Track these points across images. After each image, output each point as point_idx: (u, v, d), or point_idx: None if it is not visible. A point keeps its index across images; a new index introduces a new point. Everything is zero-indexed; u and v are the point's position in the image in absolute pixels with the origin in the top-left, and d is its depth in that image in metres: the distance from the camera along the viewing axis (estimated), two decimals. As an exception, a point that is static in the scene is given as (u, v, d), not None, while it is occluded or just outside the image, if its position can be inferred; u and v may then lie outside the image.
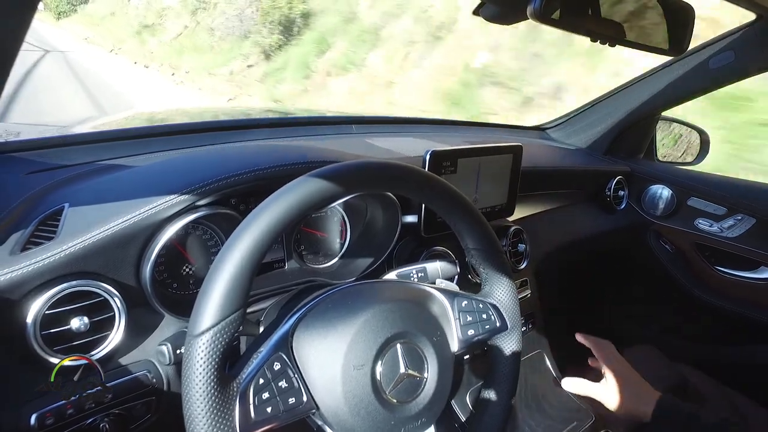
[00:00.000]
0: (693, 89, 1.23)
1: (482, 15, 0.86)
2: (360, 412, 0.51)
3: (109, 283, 0.60)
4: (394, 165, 0.57)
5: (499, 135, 1.59)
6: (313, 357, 0.51)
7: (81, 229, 0.58)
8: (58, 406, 0.56)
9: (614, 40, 0.78)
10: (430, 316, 0.60)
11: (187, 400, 0.44)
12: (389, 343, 0.53)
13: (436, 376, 0.56)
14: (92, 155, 0.82)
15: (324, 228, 0.86)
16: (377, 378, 0.52)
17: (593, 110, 1.48)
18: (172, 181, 0.65)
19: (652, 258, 1.41)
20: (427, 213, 0.86)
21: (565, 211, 1.32)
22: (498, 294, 0.66)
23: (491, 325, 0.65)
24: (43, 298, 0.55)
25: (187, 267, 0.71)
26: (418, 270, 0.73)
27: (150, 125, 1.19)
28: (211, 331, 0.44)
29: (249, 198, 0.72)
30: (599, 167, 1.41)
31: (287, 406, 0.48)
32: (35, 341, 0.55)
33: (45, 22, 14.84)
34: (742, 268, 1.26)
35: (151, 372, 0.64)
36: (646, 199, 1.42)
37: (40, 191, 0.68)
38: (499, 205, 1.02)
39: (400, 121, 1.48)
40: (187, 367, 0.44)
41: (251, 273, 0.46)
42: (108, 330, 0.60)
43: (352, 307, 0.55)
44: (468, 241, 0.65)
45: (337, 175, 0.52)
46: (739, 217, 1.26)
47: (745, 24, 1.04)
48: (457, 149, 0.89)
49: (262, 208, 0.48)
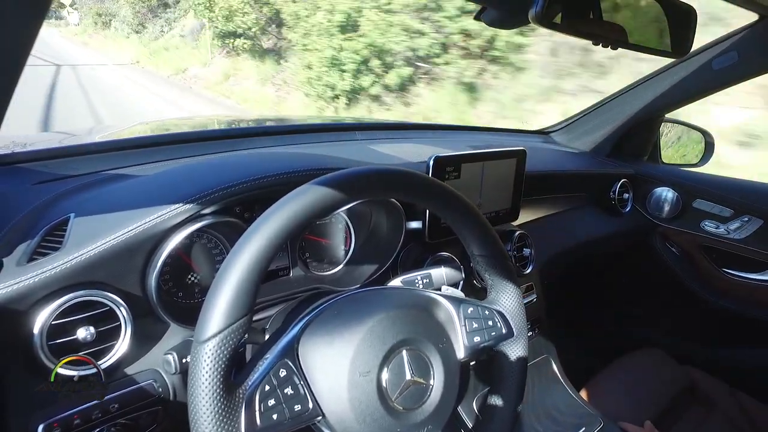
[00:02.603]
0: (697, 90, 1.22)
1: (484, 20, 0.87)
2: (366, 420, 0.50)
3: (115, 293, 0.60)
4: (398, 171, 0.57)
5: (503, 139, 1.58)
6: (318, 364, 0.51)
7: (87, 239, 0.58)
8: (65, 416, 0.56)
9: (616, 42, 0.78)
10: (435, 322, 0.60)
11: (193, 405, 0.44)
12: (395, 349, 0.53)
13: (442, 383, 0.56)
14: (97, 165, 0.83)
15: (328, 235, 0.86)
16: (383, 385, 0.52)
17: (597, 113, 1.47)
18: (176, 190, 0.65)
19: (659, 260, 1.40)
20: (432, 219, 0.86)
21: (570, 215, 1.31)
22: (504, 301, 0.66)
23: (497, 332, 0.64)
24: (49, 308, 0.55)
25: (193, 276, 0.71)
26: (423, 276, 0.73)
27: (154, 134, 1.20)
28: (218, 337, 0.44)
29: (253, 206, 0.72)
30: (603, 170, 1.41)
31: (293, 413, 0.48)
32: (42, 351, 0.55)
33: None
34: (749, 270, 1.25)
35: (157, 381, 0.64)
36: (651, 202, 1.41)
37: (46, 202, 0.69)
38: (504, 210, 1.02)
39: (404, 127, 1.49)
40: (193, 373, 0.44)
41: (257, 279, 0.46)
42: (114, 340, 0.61)
43: (358, 313, 0.55)
44: (473, 248, 0.64)
45: (342, 182, 0.52)
46: (746, 219, 1.25)
47: (748, 24, 1.04)
48: (461, 154, 0.89)
49: (268, 215, 0.48)
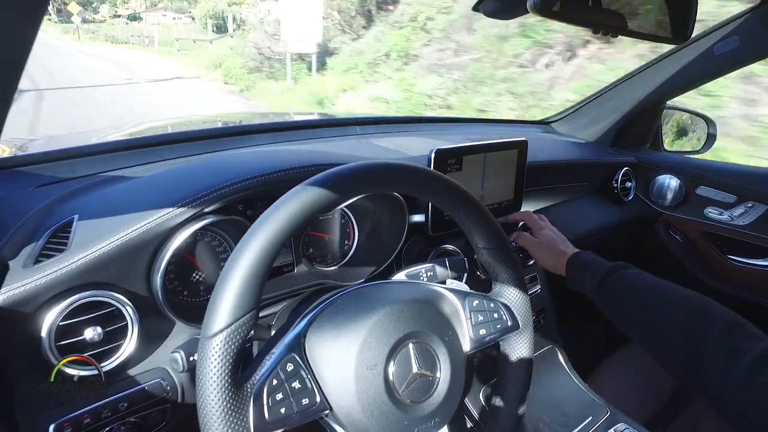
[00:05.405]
0: (698, 76, 1.21)
1: (482, 10, 0.86)
2: (373, 413, 0.51)
3: (121, 293, 0.60)
4: (401, 165, 0.57)
5: (503, 130, 1.58)
6: (325, 358, 0.52)
7: (91, 240, 0.58)
8: (75, 416, 0.57)
9: (617, 30, 0.78)
10: (441, 316, 0.60)
11: (202, 401, 0.44)
12: (401, 342, 0.53)
13: (449, 376, 0.56)
14: (100, 166, 0.83)
15: (332, 231, 0.86)
16: (390, 378, 0.52)
17: (598, 102, 1.47)
18: (179, 190, 0.65)
19: (663, 248, 1.40)
20: (434, 212, 0.86)
21: (573, 205, 1.31)
22: (509, 293, 0.66)
23: (503, 325, 0.64)
24: (56, 309, 0.55)
25: (197, 274, 0.72)
26: (427, 269, 0.73)
27: (154, 135, 1.20)
28: (225, 332, 0.44)
29: (256, 203, 0.72)
30: (605, 159, 1.40)
31: (301, 406, 0.49)
32: (50, 352, 0.56)
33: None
34: (753, 256, 1.25)
35: (165, 380, 0.64)
36: (654, 190, 1.40)
37: (50, 204, 0.69)
38: (506, 201, 1.02)
39: (404, 121, 1.48)
40: (201, 369, 0.45)
41: (263, 274, 0.47)
42: (121, 339, 0.61)
43: (364, 307, 0.55)
44: (477, 240, 0.64)
45: (346, 176, 0.52)
46: (750, 205, 1.24)
47: (750, 8, 1.03)
48: (462, 146, 0.89)
49: (272, 211, 0.48)
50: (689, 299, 0.71)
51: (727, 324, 0.64)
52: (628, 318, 0.76)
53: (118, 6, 48.95)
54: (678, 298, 0.72)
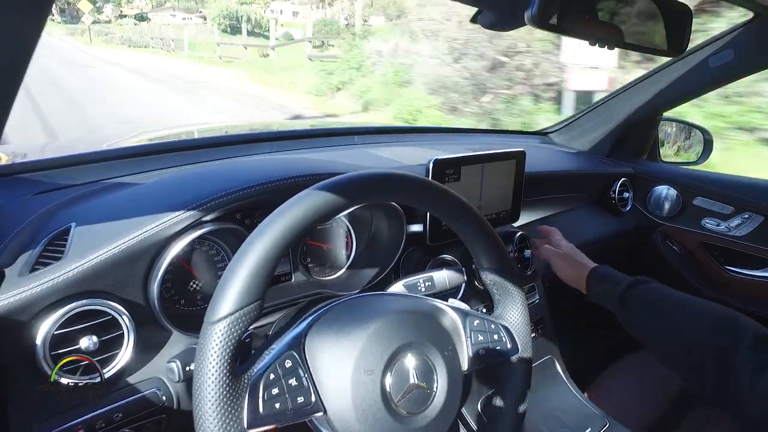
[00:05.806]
0: (694, 89, 1.23)
1: (480, 23, 0.87)
2: (368, 420, 0.50)
3: (117, 302, 0.60)
4: (399, 175, 0.57)
5: (502, 141, 1.59)
6: (324, 359, 0.52)
7: (88, 249, 0.58)
8: (68, 426, 0.56)
9: (613, 42, 0.78)
10: (441, 329, 0.60)
11: (198, 387, 0.44)
12: (400, 352, 0.53)
13: (446, 391, 0.56)
14: (98, 174, 0.83)
15: (329, 240, 0.86)
16: (386, 387, 0.52)
17: (595, 113, 1.48)
18: (177, 198, 0.65)
19: (660, 259, 1.40)
20: (433, 221, 0.86)
21: (571, 215, 1.31)
22: (510, 316, 0.67)
23: (502, 347, 0.65)
24: (52, 318, 0.55)
25: (194, 283, 0.71)
26: (425, 279, 0.73)
27: (153, 143, 1.20)
28: (229, 318, 0.45)
29: (254, 212, 0.72)
30: (603, 170, 1.41)
31: (296, 404, 0.49)
32: (45, 362, 0.55)
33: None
34: (751, 267, 1.25)
35: (160, 390, 0.63)
36: (652, 200, 1.41)
37: (47, 212, 0.69)
38: (504, 212, 1.02)
39: (402, 131, 1.49)
40: (201, 354, 0.45)
41: (272, 267, 0.47)
42: (117, 348, 0.60)
43: (366, 314, 0.55)
44: (481, 259, 0.65)
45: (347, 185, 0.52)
46: (747, 216, 1.24)
47: (743, 22, 1.04)
48: (460, 157, 0.89)
49: (284, 208, 0.49)
50: (713, 311, 0.71)
51: (754, 335, 0.63)
52: (652, 332, 0.75)
53: (122, 6, 47.96)
54: (701, 311, 0.71)
